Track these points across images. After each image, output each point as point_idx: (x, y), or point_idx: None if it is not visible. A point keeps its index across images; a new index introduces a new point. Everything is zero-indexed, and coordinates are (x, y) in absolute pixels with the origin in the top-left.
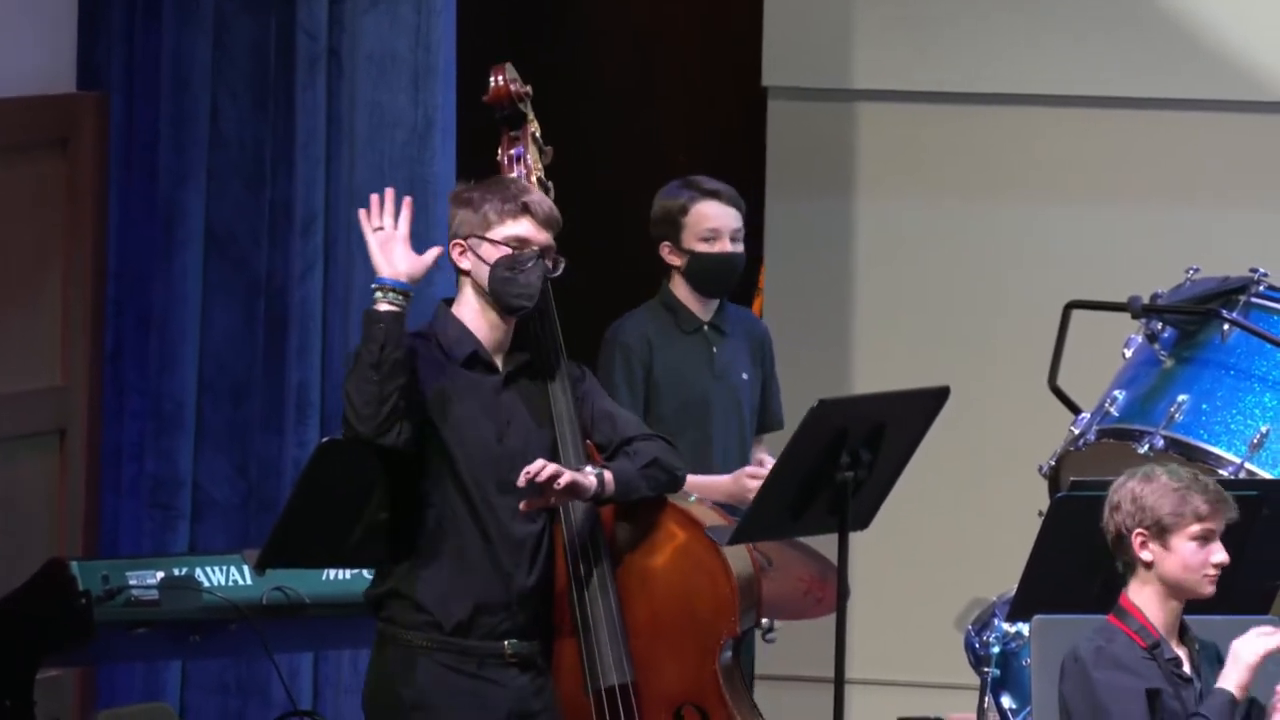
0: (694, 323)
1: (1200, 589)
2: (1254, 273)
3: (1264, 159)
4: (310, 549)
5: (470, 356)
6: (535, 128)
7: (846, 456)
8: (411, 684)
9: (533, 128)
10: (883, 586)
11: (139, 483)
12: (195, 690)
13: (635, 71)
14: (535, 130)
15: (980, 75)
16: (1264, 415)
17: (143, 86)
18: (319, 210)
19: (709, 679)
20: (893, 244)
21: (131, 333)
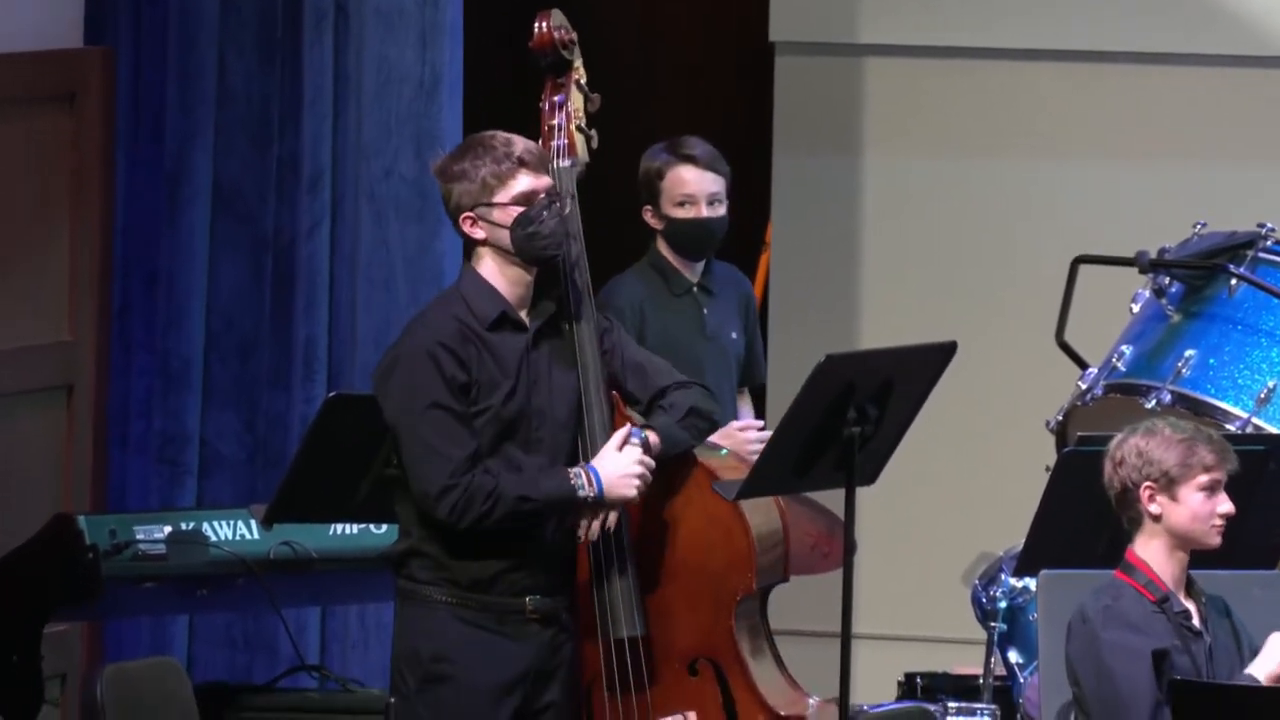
0: (683, 284)
1: (1208, 539)
2: (1261, 227)
3: (1271, 114)
4: (317, 504)
5: (499, 318)
6: (580, 75)
7: (853, 412)
8: (432, 639)
9: (577, 75)
10: (889, 542)
11: (146, 438)
12: (202, 644)
13: (643, 27)
14: (580, 78)
15: (988, 30)
16: (1271, 370)
17: (150, 42)
18: (326, 166)
19: (724, 634)
20: (900, 200)
21: (139, 289)
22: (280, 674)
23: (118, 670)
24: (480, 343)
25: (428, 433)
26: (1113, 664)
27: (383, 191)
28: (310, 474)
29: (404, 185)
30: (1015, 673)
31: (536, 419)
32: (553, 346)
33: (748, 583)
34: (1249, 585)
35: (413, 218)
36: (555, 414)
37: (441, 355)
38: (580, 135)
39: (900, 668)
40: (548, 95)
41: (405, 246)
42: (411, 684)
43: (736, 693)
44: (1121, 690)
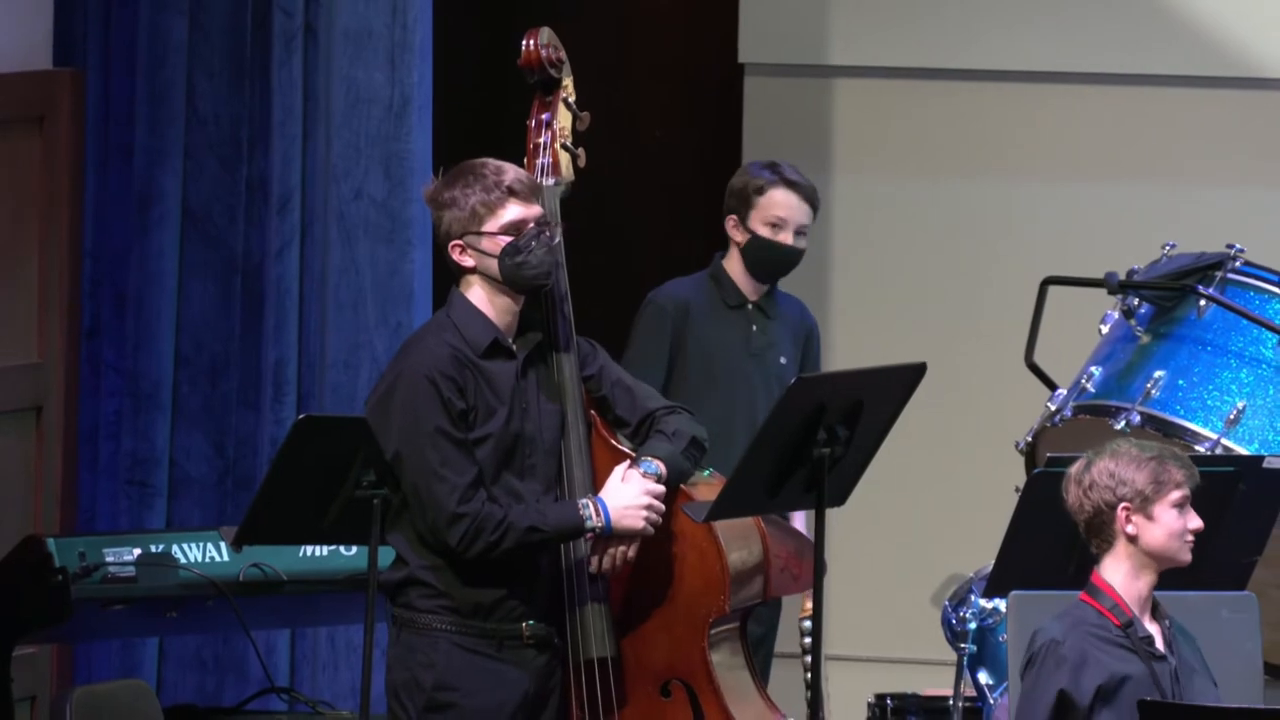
0: (739, 298)
1: (1181, 556)
2: (1230, 248)
3: (1240, 134)
4: (287, 526)
5: (492, 345)
6: (569, 93)
7: (824, 433)
8: (434, 666)
9: (565, 93)
10: (859, 563)
11: (116, 460)
12: (172, 666)
13: (614, 48)
14: (569, 96)
15: (955, 52)
16: (1240, 391)
17: (119, 63)
18: (295, 187)
19: (696, 656)
20: (869, 219)
21: (108, 310)
22: (250, 696)
23: (87, 693)
24: (475, 370)
25: (434, 459)
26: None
27: (352, 213)
28: (280, 496)
29: (373, 207)
30: (985, 694)
31: (529, 446)
32: (539, 374)
33: (720, 605)
34: (1218, 606)
35: (382, 239)
36: (544, 440)
37: (441, 381)
38: (566, 154)
39: (870, 689)
40: (535, 113)
41: (375, 268)
42: (412, 712)
43: (708, 714)
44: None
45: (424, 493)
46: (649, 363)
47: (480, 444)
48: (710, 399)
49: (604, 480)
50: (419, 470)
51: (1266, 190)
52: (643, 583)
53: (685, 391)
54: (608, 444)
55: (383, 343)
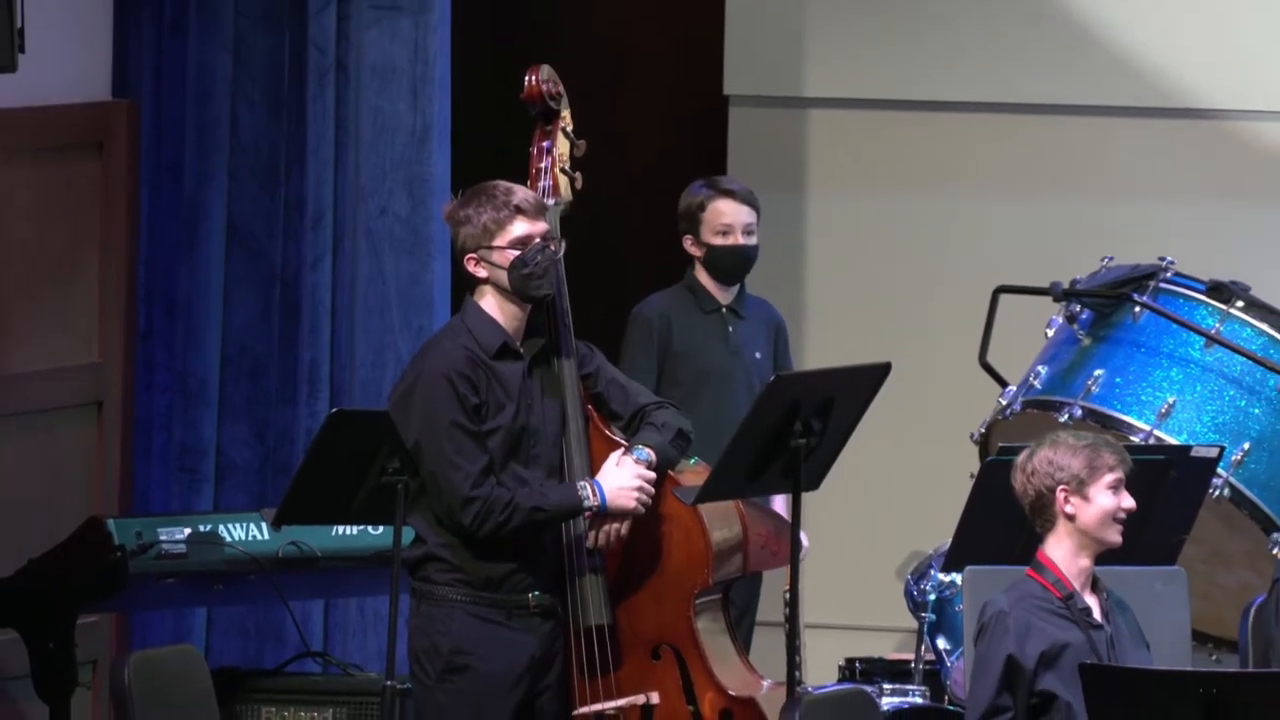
0: (713, 304)
1: (1112, 536)
2: (1162, 260)
3: (1168, 158)
4: (320, 508)
5: (502, 348)
6: (567, 123)
7: (799, 425)
8: (450, 633)
9: (564, 122)
10: (832, 541)
11: (168, 449)
12: (219, 634)
13: (610, 80)
14: (567, 125)
15: (918, 84)
16: (1171, 387)
17: (170, 95)
18: (328, 206)
19: (683, 624)
20: (839, 235)
21: (160, 316)
22: (288, 659)
23: (143, 657)
24: (487, 369)
25: (449, 449)
26: (977, 666)
27: (378, 228)
28: (314, 481)
29: (397, 223)
30: (943, 658)
31: (533, 437)
32: (542, 375)
33: (704, 578)
34: (1152, 580)
35: (405, 252)
36: (547, 433)
37: (456, 380)
38: (564, 177)
39: (842, 653)
40: (537, 140)
41: (399, 278)
42: (432, 674)
43: (694, 675)
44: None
45: (440, 479)
46: (641, 369)
47: (490, 435)
48: (699, 396)
49: (600, 466)
50: (436, 459)
51: (1193, 208)
52: (635, 558)
53: (677, 391)
54: (603, 435)
55: (406, 344)
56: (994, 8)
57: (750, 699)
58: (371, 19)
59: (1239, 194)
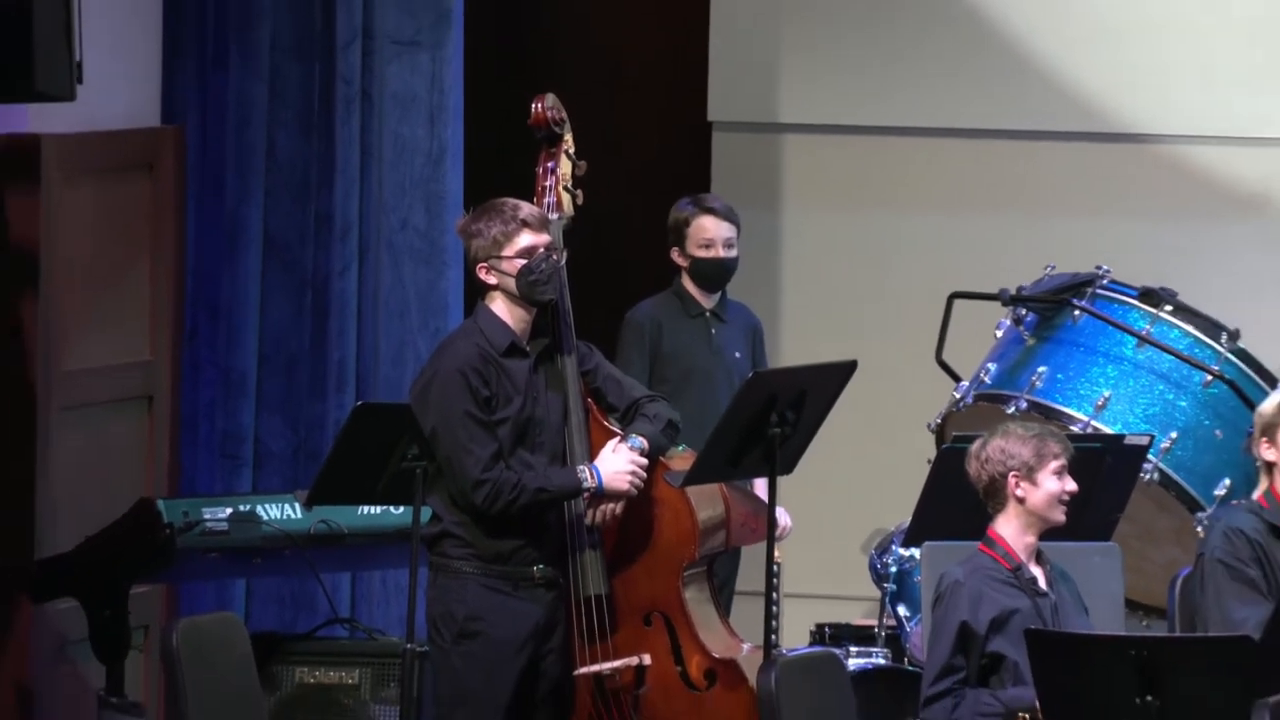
0: (697, 309)
1: (1057, 516)
2: (1098, 269)
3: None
4: (348, 490)
5: (510, 346)
6: (569, 146)
7: (775, 416)
8: (464, 602)
9: (566, 145)
10: (804, 519)
11: (211, 438)
12: (257, 602)
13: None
14: (569, 148)
15: (882, 111)
16: (1106, 383)
17: (213, 121)
18: (354, 220)
19: (672, 593)
20: (812, 246)
21: (204, 319)
22: (319, 625)
23: (189, 623)
24: (497, 366)
25: (463, 436)
26: (933, 631)
27: (399, 241)
28: (342, 466)
29: (416, 235)
30: (903, 624)
31: (538, 426)
32: (546, 371)
33: (691, 553)
34: (1090, 554)
35: (423, 261)
36: (551, 422)
37: (469, 375)
38: (567, 194)
39: (813, 619)
40: (542, 161)
41: (417, 285)
42: (447, 639)
43: (682, 639)
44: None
45: (455, 463)
46: (634, 366)
47: (500, 425)
48: (685, 391)
49: (598, 453)
50: (451, 446)
51: (1126, 222)
52: (629, 535)
53: (666, 386)
54: (601, 425)
55: (424, 344)
56: (950, 45)
57: (732, 660)
58: (393, 53)
59: (1165, 209)
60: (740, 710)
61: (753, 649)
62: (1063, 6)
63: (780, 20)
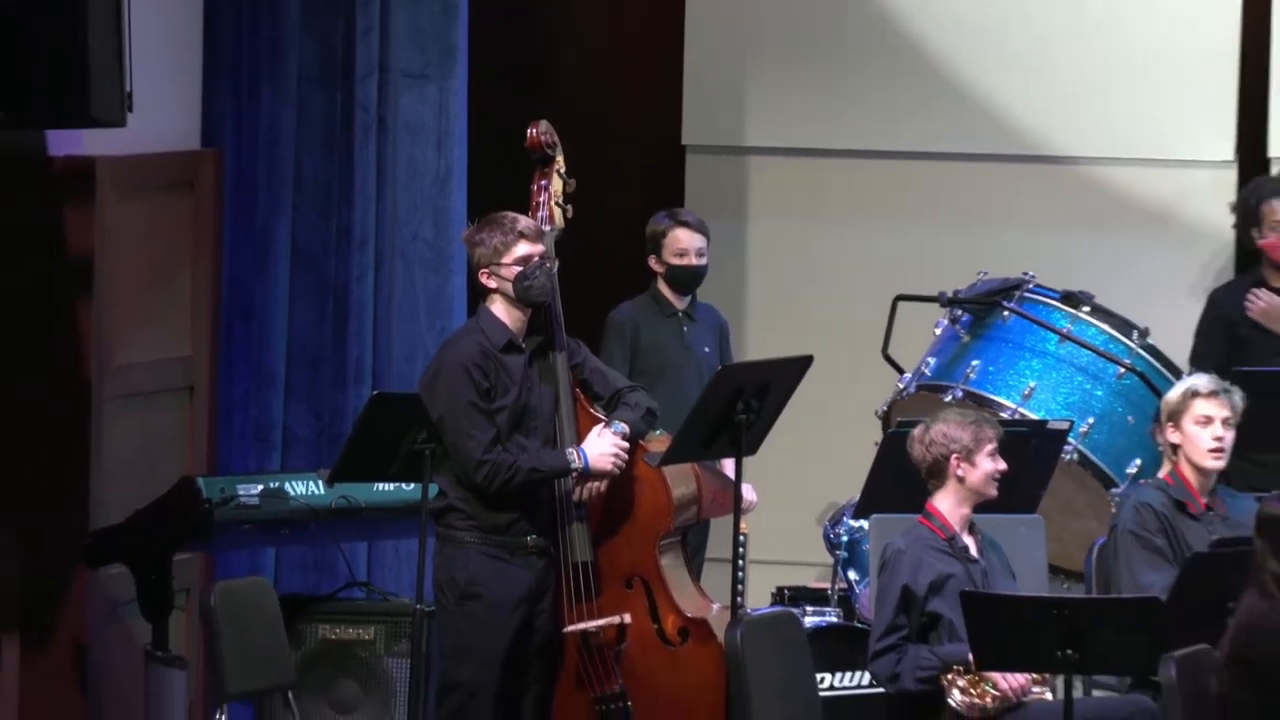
0: (671, 310)
1: (990, 491)
2: (1025, 275)
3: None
4: (365, 469)
5: (508, 344)
6: (560, 166)
7: (741, 404)
8: (466, 568)
9: (558, 166)
10: (766, 494)
11: (245, 424)
12: (285, 568)
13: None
14: (560, 168)
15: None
16: (1032, 374)
17: (247, 144)
18: (371, 233)
19: (649, 560)
20: (774, 254)
21: (239, 320)
22: (339, 588)
23: (225, 586)
24: (496, 361)
25: (466, 423)
26: (878, 595)
27: (410, 251)
28: (360, 449)
29: (425, 246)
30: (853, 587)
31: (532, 414)
32: (540, 365)
33: (667, 525)
34: (1017, 525)
35: (431, 269)
36: (544, 410)
37: (472, 369)
38: (559, 209)
39: (773, 583)
40: (536, 180)
41: (426, 289)
42: (452, 600)
43: (659, 601)
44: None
45: (459, 447)
46: (616, 360)
47: (498, 413)
48: (661, 382)
49: (585, 437)
50: (455, 432)
51: (1049, 234)
52: (612, 508)
53: (644, 378)
54: (588, 412)
55: (432, 342)
56: (894, 78)
57: (702, 619)
58: (405, 85)
59: (1083, 223)
60: (710, 663)
61: (721, 609)
62: (992, 44)
63: (745, 57)
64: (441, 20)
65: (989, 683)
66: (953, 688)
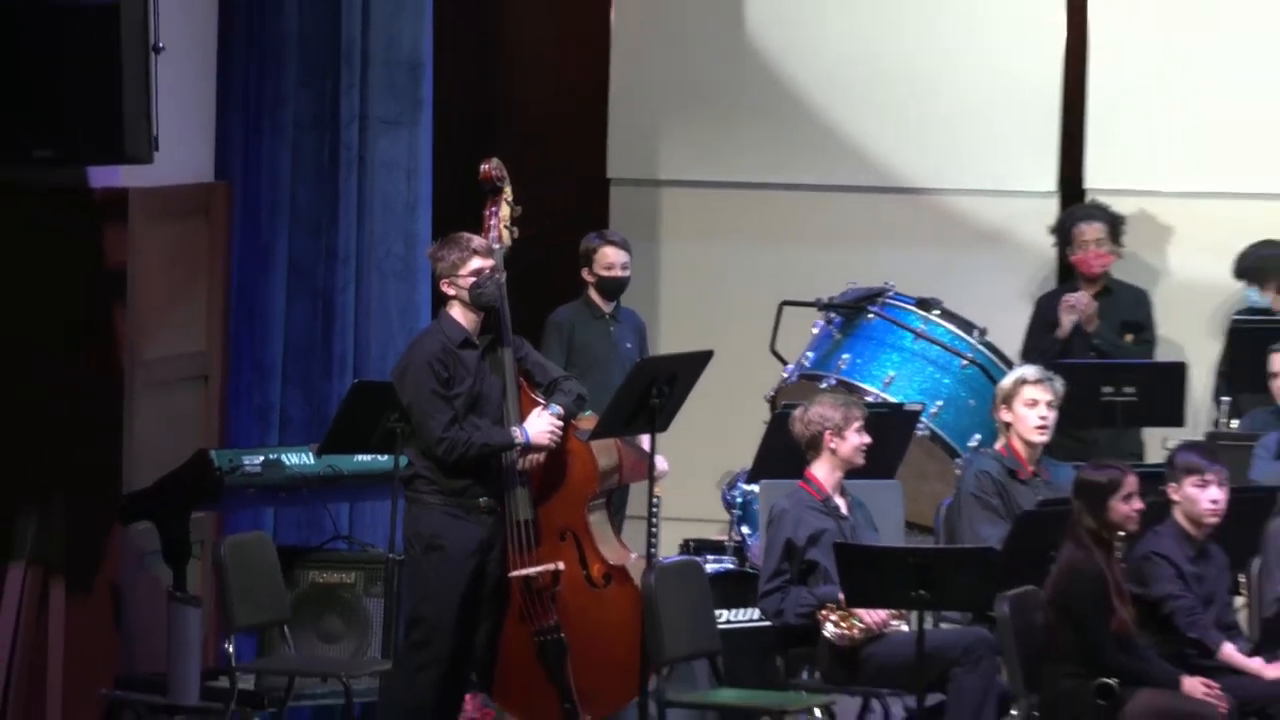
0: (600, 313)
1: (858, 461)
2: (886, 285)
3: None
4: (347, 443)
5: (464, 341)
6: (508, 195)
7: (655, 390)
8: (430, 524)
9: (506, 194)
10: (676, 462)
11: (249, 406)
12: (282, 525)
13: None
14: (508, 196)
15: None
16: (892, 366)
17: (251, 177)
18: (352, 252)
19: (579, 517)
20: (683, 270)
21: (245, 321)
22: (326, 540)
23: (233, 540)
24: (454, 356)
25: (429, 407)
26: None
27: (385, 265)
28: (343, 427)
29: (397, 261)
30: (746, 539)
31: (484, 400)
32: (490, 359)
33: (594, 489)
34: (880, 489)
35: (402, 280)
36: (493, 396)
37: (434, 362)
38: (506, 230)
39: (681, 536)
40: (488, 206)
41: (397, 297)
42: (418, 550)
43: (587, 551)
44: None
45: (423, 427)
46: (554, 355)
47: (456, 398)
48: (591, 372)
49: (527, 417)
50: (421, 414)
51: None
52: (549, 476)
53: (576, 369)
54: (529, 397)
55: (402, 340)
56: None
57: (623, 566)
58: (381, 129)
59: (933, 242)
60: (629, 602)
61: (638, 558)
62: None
63: (659, 105)
64: (411, 78)
65: (856, 618)
66: (826, 621)
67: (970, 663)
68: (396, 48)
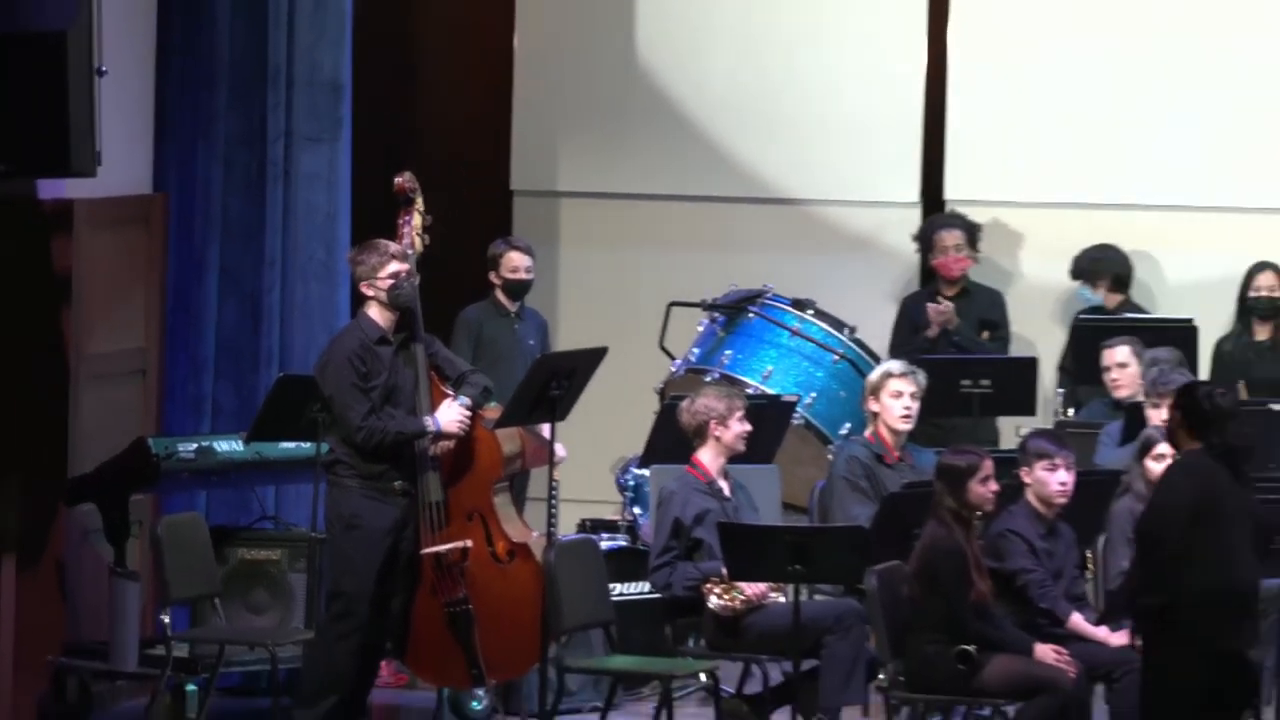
0: (505, 312)
1: (740, 447)
2: (765, 287)
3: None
4: (274, 431)
5: (380, 338)
6: (420, 206)
7: (555, 383)
8: (350, 506)
9: (418, 205)
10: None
11: (184, 398)
12: (214, 506)
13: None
14: (420, 206)
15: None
16: (770, 360)
17: (186, 190)
18: (279, 256)
19: (485, 500)
20: (581, 273)
21: (181, 320)
22: (253, 520)
23: (169, 520)
24: (371, 351)
25: (349, 399)
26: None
27: (308, 269)
28: (270, 416)
29: (320, 265)
30: (637, 520)
31: (398, 391)
32: (404, 355)
33: (498, 473)
34: (759, 473)
35: (323, 282)
36: (406, 390)
37: (353, 358)
38: (419, 238)
39: (579, 516)
40: (402, 215)
41: (320, 298)
42: (338, 529)
43: (492, 530)
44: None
45: (343, 417)
46: (463, 350)
47: (373, 390)
48: (496, 366)
49: (438, 407)
50: (340, 405)
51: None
52: (458, 461)
53: (483, 364)
54: (440, 389)
55: (324, 337)
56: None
57: (525, 544)
58: (304, 146)
59: (808, 249)
60: (531, 576)
61: (539, 536)
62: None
63: (558, 124)
64: (332, 98)
65: (738, 590)
66: (711, 594)
67: (842, 631)
68: (319, 71)
